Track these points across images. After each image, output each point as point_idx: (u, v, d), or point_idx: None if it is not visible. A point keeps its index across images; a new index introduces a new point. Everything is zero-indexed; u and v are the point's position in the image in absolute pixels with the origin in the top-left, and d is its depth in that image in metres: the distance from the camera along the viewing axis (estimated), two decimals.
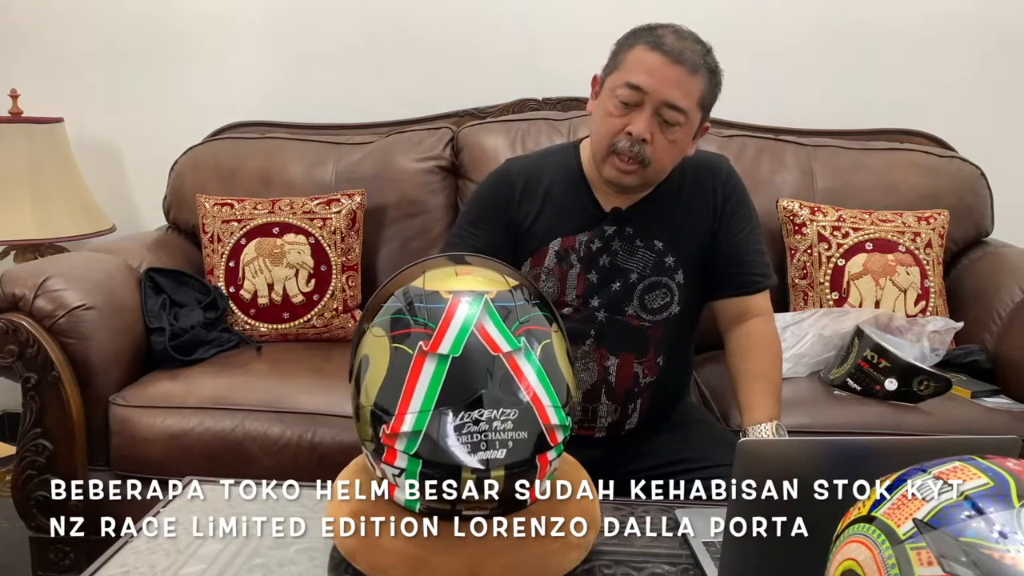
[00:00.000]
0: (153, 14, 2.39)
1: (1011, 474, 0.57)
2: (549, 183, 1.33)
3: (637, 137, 1.19)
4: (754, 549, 0.80)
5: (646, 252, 1.30)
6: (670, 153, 1.24)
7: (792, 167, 2.06)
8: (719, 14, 2.22)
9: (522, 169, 1.36)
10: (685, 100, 1.19)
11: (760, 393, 1.27)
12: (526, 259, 1.33)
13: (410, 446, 0.78)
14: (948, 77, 2.25)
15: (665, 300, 1.31)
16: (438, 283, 0.86)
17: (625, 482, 1.00)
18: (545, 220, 1.32)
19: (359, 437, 0.85)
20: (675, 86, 1.18)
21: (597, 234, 1.31)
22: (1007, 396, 1.67)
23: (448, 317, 0.82)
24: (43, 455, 1.63)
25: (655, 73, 1.18)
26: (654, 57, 1.18)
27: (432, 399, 0.78)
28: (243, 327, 1.94)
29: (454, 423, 0.78)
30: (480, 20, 2.30)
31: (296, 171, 2.12)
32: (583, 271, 1.30)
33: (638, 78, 1.19)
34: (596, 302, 1.31)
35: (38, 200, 2.17)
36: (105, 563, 0.91)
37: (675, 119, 1.20)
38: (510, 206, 1.33)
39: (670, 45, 1.18)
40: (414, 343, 0.81)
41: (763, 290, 1.34)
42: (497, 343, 0.82)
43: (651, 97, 1.18)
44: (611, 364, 1.31)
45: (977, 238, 2.05)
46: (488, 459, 0.78)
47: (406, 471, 0.79)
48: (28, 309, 1.62)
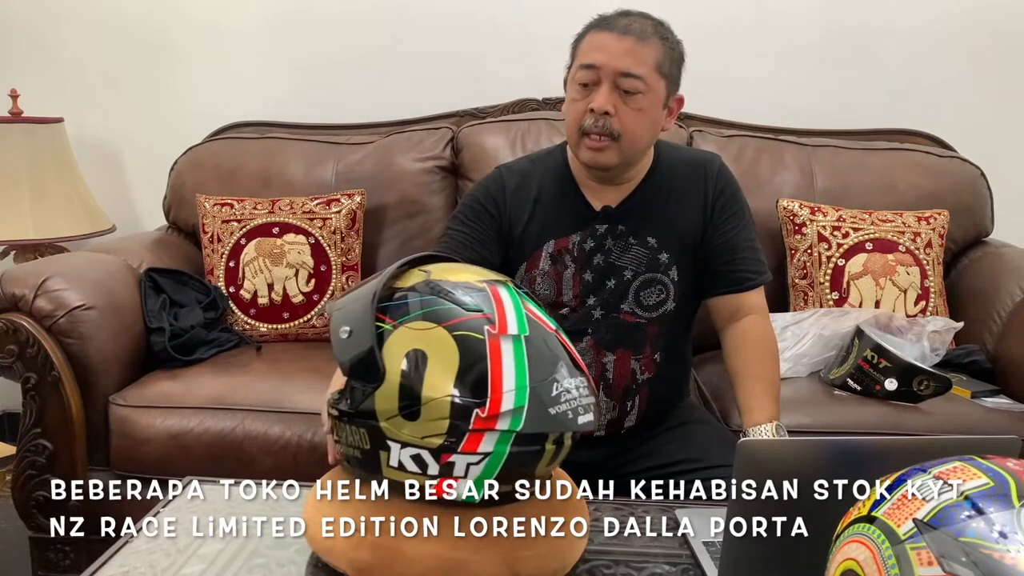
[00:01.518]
0: (153, 14, 2.39)
1: (1011, 474, 0.57)
2: (539, 187, 1.35)
3: (599, 110, 1.22)
4: (754, 549, 0.80)
5: (639, 249, 1.31)
6: (639, 122, 1.24)
7: (792, 167, 2.06)
8: (719, 14, 2.22)
9: (513, 173, 1.38)
10: (639, 67, 1.22)
11: (758, 393, 1.27)
12: (520, 264, 1.33)
13: (515, 423, 0.79)
14: (948, 77, 2.25)
15: (660, 297, 1.32)
16: (453, 276, 0.86)
17: (625, 482, 1.00)
18: (537, 224, 1.33)
19: (407, 439, 0.80)
20: (627, 55, 1.22)
21: (589, 233, 1.31)
22: (1007, 396, 1.67)
23: (499, 301, 0.83)
24: (43, 455, 1.63)
25: (606, 48, 1.23)
26: (603, 35, 1.24)
27: (524, 375, 0.80)
28: (243, 327, 1.94)
29: (553, 394, 0.80)
30: (480, 20, 2.30)
31: (296, 171, 2.12)
32: (578, 271, 1.31)
33: (591, 57, 1.24)
34: (592, 300, 1.31)
35: (38, 200, 2.17)
36: (105, 563, 0.91)
37: (633, 87, 1.22)
38: (500, 208, 1.34)
39: (617, 23, 1.24)
40: (478, 328, 0.81)
41: (756, 287, 1.34)
42: (545, 321, 0.86)
43: (605, 71, 1.22)
44: (608, 361, 1.31)
45: (977, 238, 2.05)
46: (587, 422, 0.83)
47: (492, 455, 0.79)
48: (28, 309, 1.62)
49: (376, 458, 0.82)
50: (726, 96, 2.23)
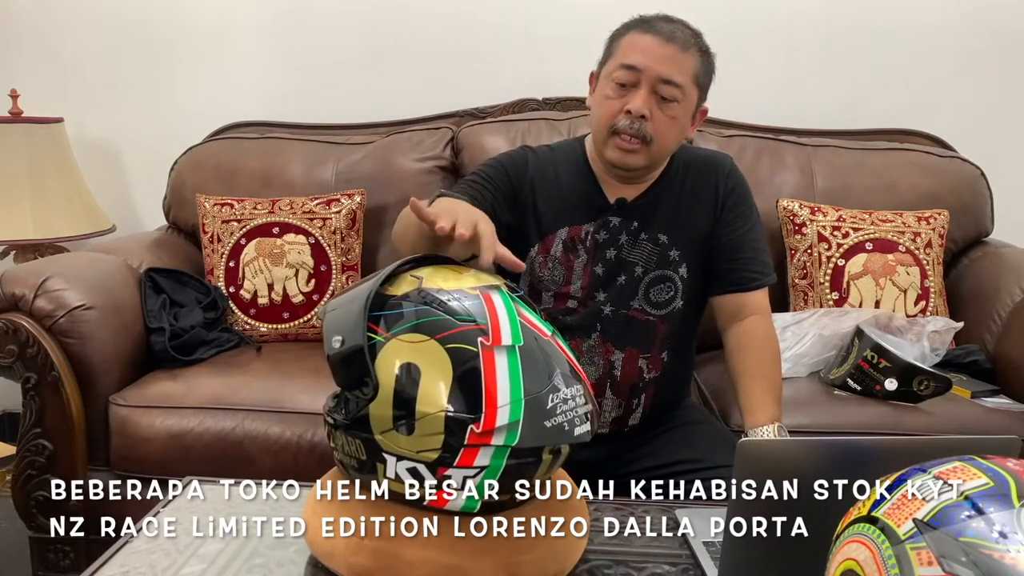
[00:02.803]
0: (153, 14, 2.39)
1: (1011, 474, 0.57)
2: (559, 173, 1.35)
3: (636, 113, 1.22)
4: (754, 549, 0.80)
5: (650, 245, 1.31)
6: (670, 130, 1.25)
7: (792, 167, 2.06)
8: (720, 14, 2.22)
9: (539, 155, 1.38)
10: (680, 75, 1.22)
11: (760, 394, 1.27)
12: (535, 243, 1.33)
13: (511, 438, 0.78)
14: (948, 77, 2.25)
15: (670, 294, 1.32)
16: (446, 283, 0.85)
17: (625, 482, 1.00)
18: (555, 207, 1.33)
19: (402, 453, 0.80)
20: (669, 62, 1.22)
21: (602, 224, 1.32)
22: (1007, 396, 1.67)
23: (492, 310, 0.82)
24: (43, 455, 1.63)
25: (649, 52, 1.22)
26: (646, 38, 1.23)
27: (519, 388, 0.78)
28: (243, 327, 1.94)
29: (548, 406, 0.79)
30: (480, 20, 2.30)
31: (296, 171, 2.12)
32: (590, 263, 1.32)
33: (633, 58, 1.23)
34: (602, 296, 1.31)
35: (38, 200, 2.17)
36: (105, 563, 0.90)
37: (672, 94, 1.23)
38: (522, 178, 1.34)
39: (661, 27, 1.24)
40: (471, 340, 0.79)
41: (760, 287, 1.34)
42: (540, 328, 0.84)
43: (646, 74, 1.22)
44: (616, 359, 1.31)
45: (977, 238, 2.05)
46: (583, 432, 0.81)
47: (488, 468, 0.78)
48: (28, 309, 1.62)
49: (373, 469, 0.82)
50: (726, 96, 2.22)
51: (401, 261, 0.90)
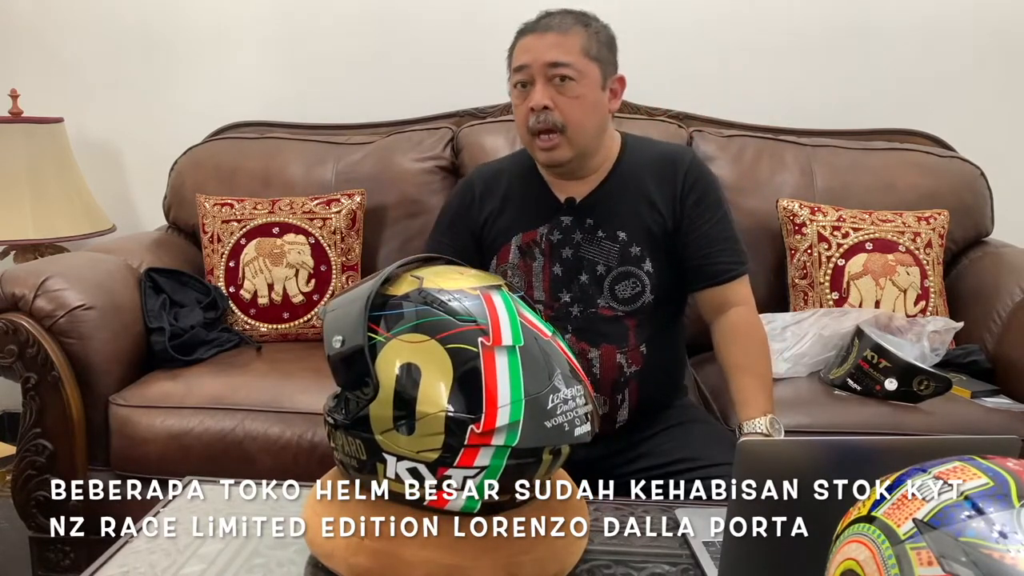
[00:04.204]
0: (153, 14, 2.39)
1: (1011, 474, 0.57)
2: (508, 183, 1.40)
3: (538, 106, 1.26)
4: (754, 549, 0.80)
5: (609, 243, 1.32)
6: (580, 109, 1.28)
7: (792, 167, 2.06)
8: (719, 15, 2.22)
9: (483, 174, 1.44)
10: (565, 55, 1.26)
11: (749, 387, 1.28)
12: (491, 257, 1.38)
13: (511, 438, 0.78)
14: (948, 77, 2.25)
15: (636, 290, 1.33)
16: (446, 283, 0.85)
17: (625, 482, 1.00)
18: (506, 218, 1.37)
19: (402, 453, 0.80)
20: (550, 48, 1.27)
21: (555, 225, 1.34)
22: (1007, 396, 1.67)
23: (493, 310, 0.82)
24: (43, 455, 1.63)
25: (532, 48, 1.28)
26: (528, 38, 1.30)
27: (519, 389, 0.79)
28: (243, 327, 1.94)
29: (548, 406, 0.79)
30: (480, 20, 2.30)
31: (296, 171, 2.12)
32: (547, 265, 1.33)
33: (521, 59, 1.29)
34: (567, 297, 1.33)
35: (38, 200, 2.17)
36: (105, 563, 0.91)
37: (565, 74, 1.26)
38: (471, 212, 1.40)
39: (539, 24, 1.30)
40: (471, 340, 0.80)
41: (736, 278, 1.34)
42: (541, 328, 0.85)
43: (534, 67, 1.27)
44: (594, 356, 1.32)
45: (977, 238, 2.05)
46: (583, 432, 0.82)
47: (488, 468, 0.78)
48: (28, 309, 1.62)
49: (373, 469, 0.82)
50: (726, 96, 2.23)
51: (402, 261, 0.91)
